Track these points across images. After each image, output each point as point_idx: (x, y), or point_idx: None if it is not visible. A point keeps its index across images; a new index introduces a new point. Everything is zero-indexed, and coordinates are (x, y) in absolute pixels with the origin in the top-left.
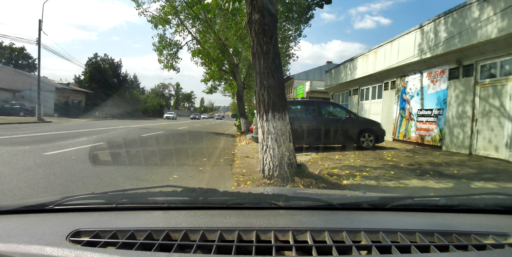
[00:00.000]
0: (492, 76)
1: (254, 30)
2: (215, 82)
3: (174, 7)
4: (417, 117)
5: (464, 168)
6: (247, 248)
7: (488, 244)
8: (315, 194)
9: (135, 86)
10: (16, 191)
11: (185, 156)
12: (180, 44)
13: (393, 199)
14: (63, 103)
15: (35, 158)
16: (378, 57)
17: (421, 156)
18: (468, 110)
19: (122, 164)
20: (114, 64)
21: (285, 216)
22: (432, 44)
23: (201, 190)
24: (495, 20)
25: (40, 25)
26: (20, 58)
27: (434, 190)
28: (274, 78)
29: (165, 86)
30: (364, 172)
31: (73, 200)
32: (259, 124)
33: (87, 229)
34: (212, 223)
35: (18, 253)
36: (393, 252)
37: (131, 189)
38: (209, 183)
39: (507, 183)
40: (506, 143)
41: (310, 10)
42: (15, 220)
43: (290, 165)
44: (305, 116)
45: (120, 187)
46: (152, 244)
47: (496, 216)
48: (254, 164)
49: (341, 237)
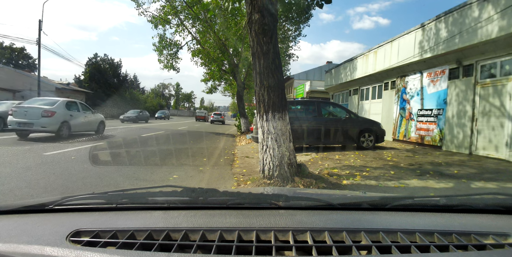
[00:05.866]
0: (492, 76)
1: (254, 30)
2: (215, 82)
3: (174, 7)
4: (417, 117)
5: (464, 168)
6: (247, 248)
7: (488, 244)
8: (315, 194)
9: (135, 86)
10: (16, 191)
11: (185, 156)
12: (180, 44)
13: (393, 199)
14: None
15: (35, 158)
16: (378, 57)
17: (421, 156)
18: (468, 110)
19: (122, 164)
20: (114, 64)
21: (285, 216)
22: (432, 44)
23: (201, 190)
24: (495, 20)
25: (40, 25)
26: (20, 58)
27: (434, 190)
28: (274, 78)
29: (165, 86)
30: (364, 172)
31: (73, 200)
32: (259, 124)
33: (87, 229)
34: (212, 223)
35: (18, 253)
36: (393, 252)
37: (131, 189)
38: (209, 183)
39: (507, 183)
40: (506, 142)
41: (310, 9)
42: (15, 220)
43: (290, 165)
44: (305, 116)
45: (120, 187)
46: (152, 244)
47: (496, 216)
48: (254, 164)
49: (341, 237)
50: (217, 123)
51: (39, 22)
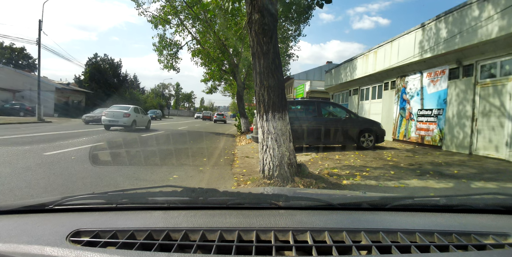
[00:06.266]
0: (492, 76)
1: (254, 30)
2: (215, 82)
3: (174, 7)
4: (417, 117)
5: (464, 168)
6: (247, 248)
7: (488, 244)
8: (315, 194)
9: (135, 86)
10: (16, 191)
11: (185, 156)
12: (180, 44)
13: (393, 199)
14: (63, 103)
15: (35, 158)
16: (378, 57)
17: (421, 156)
18: (468, 110)
19: (122, 164)
20: (114, 64)
21: (285, 216)
22: (432, 44)
23: (201, 190)
24: (495, 20)
25: (40, 25)
26: (20, 58)
27: (434, 190)
28: (274, 78)
29: (165, 86)
30: (364, 172)
31: (73, 200)
32: (259, 124)
33: (87, 229)
34: (212, 223)
35: (18, 253)
36: (393, 252)
37: (131, 189)
38: (209, 183)
39: (507, 183)
40: (506, 142)
41: (310, 9)
42: (15, 220)
43: (290, 165)
44: (305, 116)
45: (120, 187)
46: (152, 244)
47: (496, 216)
48: (254, 164)
49: (341, 237)
50: (219, 122)
51: (39, 22)
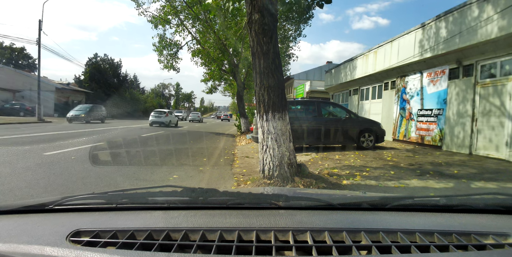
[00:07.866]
0: (492, 76)
1: (254, 30)
2: (215, 82)
3: (174, 7)
4: (417, 117)
5: (464, 168)
6: (247, 248)
7: (488, 244)
8: (315, 194)
9: (135, 86)
10: (16, 191)
11: (185, 156)
12: (180, 44)
13: (393, 199)
14: (63, 103)
15: (35, 158)
16: (378, 57)
17: (421, 156)
18: (468, 109)
19: (122, 164)
20: (114, 64)
21: (285, 216)
22: (432, 44)
23: (201, 190)
24: (495, 20)
25: (40, 25)
26: (20, 58)
27: (434, 190)
28: (274, 78)
29: (165, 86)
30: (364, 172)
31: (73, 200)
32: (259, 124)
33: (87, 229)
34: (212, 223)
35: (18, 253)
36: (393, 252)
37: (131, 189)
38: (209, 183)
39: (507, 183)
40: (507, 142)
41: (310, 9)
42: (15, 220)
43: (290, 165)
44: (305, 116)
45: (120, 187)
46: (152, 244)
47: (496, 216)
48: (254, 164)
49: (341, 237)
50: (225, 120)
51: (39, 22)
